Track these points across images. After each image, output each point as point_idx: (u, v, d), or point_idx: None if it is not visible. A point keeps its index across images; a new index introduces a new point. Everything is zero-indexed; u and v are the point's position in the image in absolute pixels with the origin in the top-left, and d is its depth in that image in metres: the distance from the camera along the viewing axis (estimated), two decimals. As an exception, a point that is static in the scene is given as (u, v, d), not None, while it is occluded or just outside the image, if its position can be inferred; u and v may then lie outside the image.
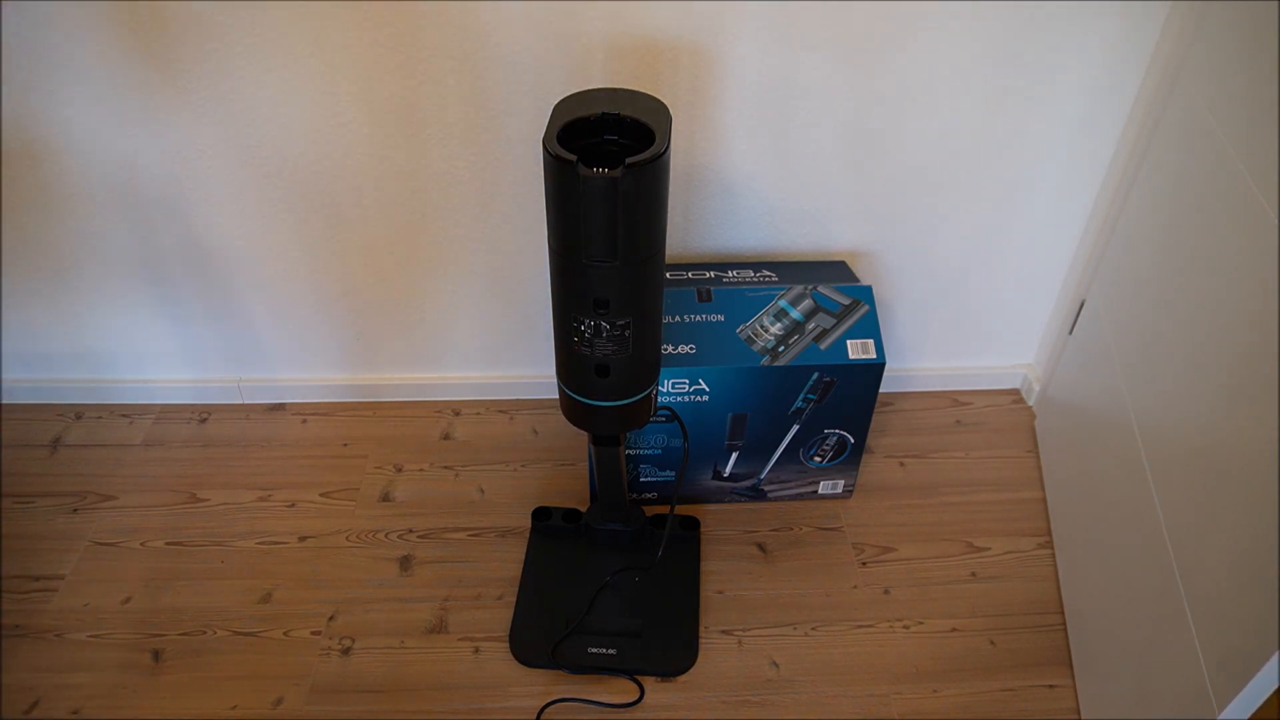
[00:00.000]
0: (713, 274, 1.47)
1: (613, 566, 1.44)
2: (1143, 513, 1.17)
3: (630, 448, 1.46)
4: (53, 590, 1.43)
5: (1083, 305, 1.52)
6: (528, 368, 1.72)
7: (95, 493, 1.58)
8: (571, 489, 1.60)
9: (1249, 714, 0.93)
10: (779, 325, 1.38)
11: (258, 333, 1.65)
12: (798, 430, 1.44)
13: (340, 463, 1.64)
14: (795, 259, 1.56)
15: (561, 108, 1.01)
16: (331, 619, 1.40)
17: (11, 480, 1.60)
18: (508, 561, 1.48)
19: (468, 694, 1.31)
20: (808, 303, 1.40)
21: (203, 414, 1.72)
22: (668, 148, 0.96)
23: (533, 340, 1.68)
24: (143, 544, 1.50)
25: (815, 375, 1.37)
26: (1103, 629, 1.26)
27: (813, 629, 1.39)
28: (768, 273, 1.47)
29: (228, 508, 1.56)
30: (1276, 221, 0.96)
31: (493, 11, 1.27)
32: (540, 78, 1.34)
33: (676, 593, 1.41)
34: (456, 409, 1.74)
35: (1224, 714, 0.94)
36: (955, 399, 1.77)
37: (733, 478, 1.52)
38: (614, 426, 1.18)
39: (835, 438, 1.47)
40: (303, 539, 1.51)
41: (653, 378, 1.16)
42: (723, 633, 1.38)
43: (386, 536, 1.52)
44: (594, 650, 1.34)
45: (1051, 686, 1.32)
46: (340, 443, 1.68)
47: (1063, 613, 1.41)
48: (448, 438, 1.69)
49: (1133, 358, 1.28)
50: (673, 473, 1.51)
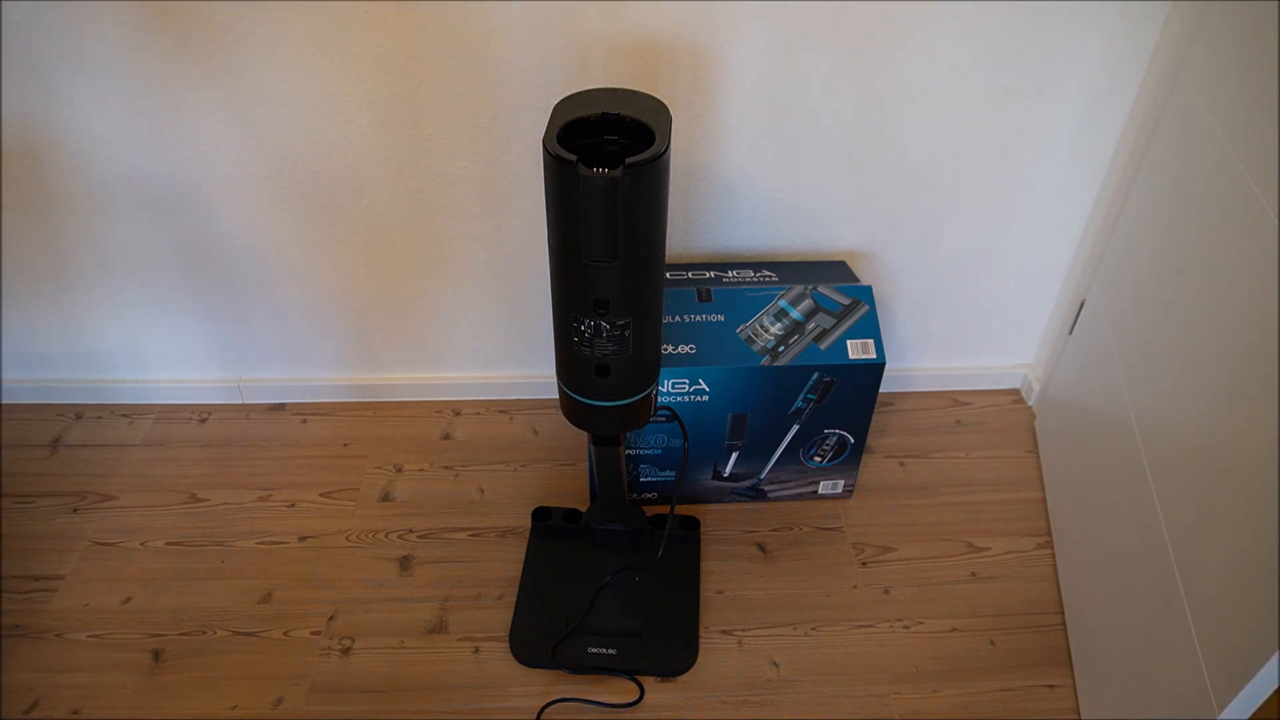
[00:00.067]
0: (713, 274, 1.47)
1: (613, 566, 1.44)
2: (1143, 513, 1.17)
3: (630, 448, 1.46)
4: (53, 590, 1.43)
5: (1083, 305, 1.52)
6: (528, 368, 1.72)
7: (95, 493, 1.58)
8: (571, 489, 1.60)
9: (1249, 714, 0.93)
10: (779, 325, 1.38)
11: (258, 333, 1.65)
12: (798, 430, 1.44)
13: (340, 463, 1.64)
14: (795, 259, 1.56)
15: (561, 108, 1.01)
16: (331, 619, 1.40)
17: (11, 480, 1.60)
18: (508, 561, 1.48)
19: (468, 694, 1.31)
20: (808, 303, 1.40)
21: (203, 414, 1.72)
22: (668, 148, 0.96)
23: (533, 340, 1.68)
24: (143, 544, 1.50)
25: (815, 375, 1.37)
26: (1103, 629, 1.26)
27: (813, 629, 1.39)
28: (768, 273, 1.47)
29: (228, 508, 1.56)
30: (1276, 221, 0.96)
31: (493, 11, 1.27)
32: (540, 78, 1.34)
33: (676, 593, 1.41)
34: (456, 409, 1.74)
35: (1224, 714, 0.94)
36: (955, 399, 1.77)
37: (733, 478, 1.52)
38: (614, 426, 1.18)
39: (835, 438, 1.47)
40: (303, 539, 1.51)
41: (653, 378, 1.16)
42: (723, 633, 1.38)
43: (386, 536, 1.52)
44: (594, 650, 1.34)
45: (1051, 686, 1.32)
46: (340, 443, 1.68)
47: (1063, 613, 1.41)
48: (448, 438, 1.69)
49: (1133, 358, 1.28)
50: (673, 473, 1.51)
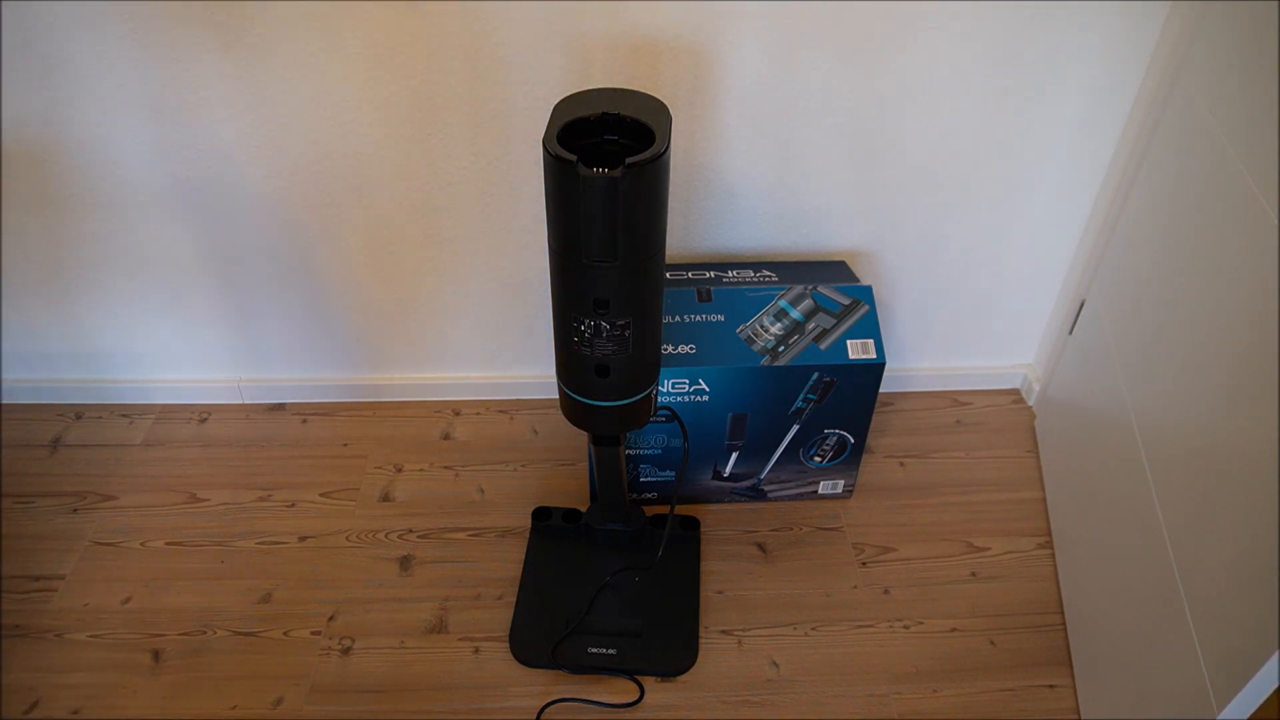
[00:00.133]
0: (713, 274, 1.47)
1: (613, 566, 1.44)
2: (1143, 513, 1.17)
3: (630, 448, 1.46)
4: (53, 590, 1.43)
5: (1083, 305, 1.52)
6: (528, 368, 1.72)
7: (95, 493, 1.58)
8: (571, 489, 1.60)
9: (1248, 714, 0.93)
10: (779, 325, 1.38)
11: (258, 333, 1.65)
12: (798, 430, 1.44)
13: (340, 463, 1.64)
14: (795, 259, 1.56)
15: (561, 108, 1.01)
16: (331, 619, 1.40)
17: (11, 480, 1.60)
18: (508, 561, 1.48)
19: (468, 694, 1.31)
20: (808, 303, 1.40)
21: (203, 414, 1.72)
22: (668, 148, 0.96)
23: (533, 340, 1.68)
24: (143, 544, 1.50)
25: (815, 375, 1.37)
26: (1103, 629, 1.26)
27: (813, 629, 1.39)
28: (768, 273, 1.47)
29: (228, 508, 1.56)
30: (1276, 221, 0.96)
31: (493, 11, 1.27)
32: (540, 78, 1.34)
33: (676, 593, 1.41)
34: (456, 409, 1.74)
35: (1223, 714, 0.94)
36: (955, 399, 1.77)
37: (733, 478, 1.52)
38: (614, 426, 1.18)
39: (835, 438, 1.47)
40: (303, 539, 1.51)
41: (653, 378, 1.16)
42: (723, 633, 1.38)
43: (386, 536, 1.52)
44: (594, 650, 1.34)
45: (1051, 686, 1.32)
46: (340, 443, 1.68)
47: (1063, 613, 1.41)
48: (448, 438, 1.69)
49: (1133, 358, 1.28)
50: (673, 473, 1.51)
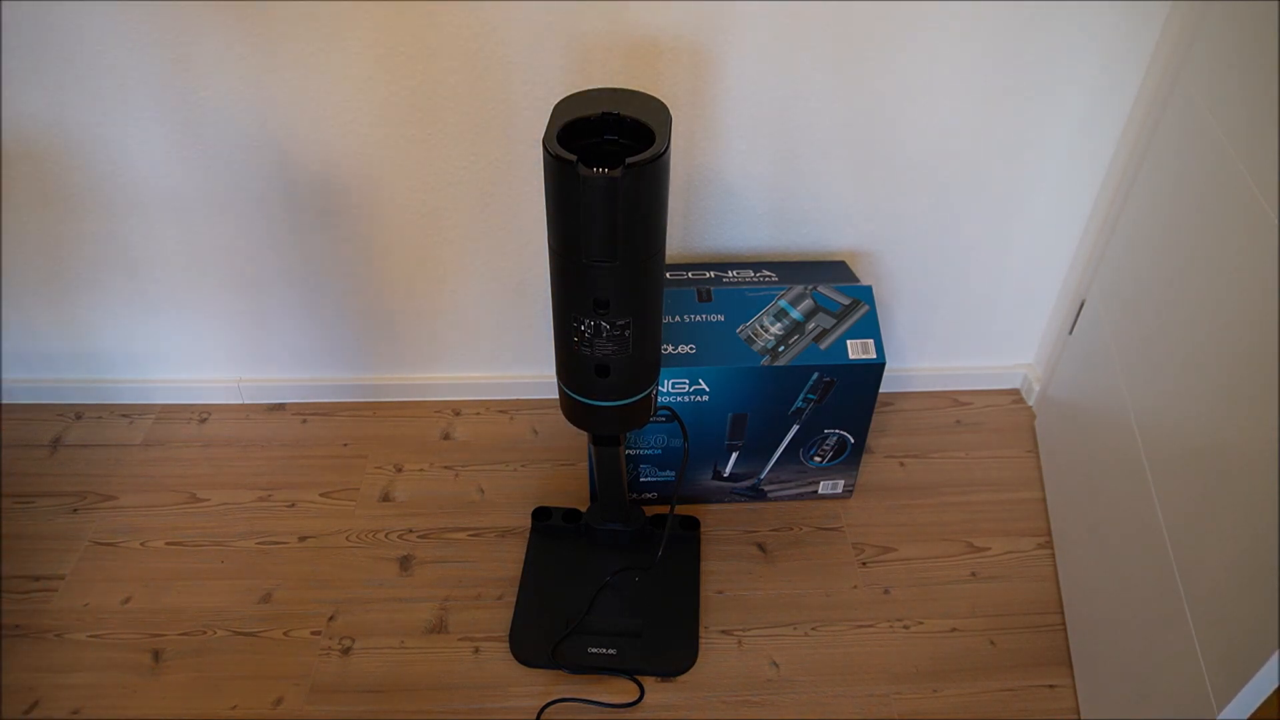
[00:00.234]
0: (713, 274, 1.47)
1: (613, 566, 1.44)
2: (1143, 513, 1.17)
3: (630, 448, 1.46)
4: (53, 590, 1.43)
5: (1083, 305, 1.52)
6: (528, 368, 1.72)
7: (95, 493, 1.58)
8: (571, 489, 1.60)
9: (1248, 714, 0.93)
10: (779, 325, 1.38)
11: (258, 333, 1.65)
12: (798, 430, 1.44)
13: (340, 463, 1.64)
14: (795, 259, 1.56)
15: (561, 108, 1.01)
16: (331, 619, 1.40)
17: (11, 480, 1.60)
18: (508, 561, 1.48)
19: (468, 694, 1.31)
20: (808, 303, 1.40)
21: (203, 414, 1.72)
22: (668, 148, 0.96)
23: (533, 340, 1.68)
24: (143, 544, 1.50)
25: (815, 375, 1.37)
26: (1103, 629, 1.26)
27: (813, 629, 1.39)
28: (768, 273, 1.47)
29: (228, 508, 1.56)
30: (1276, 221, 0.96)
31: (493, 11, 1.27)
32: (540, 78, 1.34)
33: (676, 593, 1.41)
34: (456, 409, 1.74)
35: (1223, 714, 0.94)
36: (955, 399, 1.77)
37: (733, 478, 1.52)
38: (614, 426, 1.18)
39: (835, 438, 1.47)
40: (303, 539, 1.51)
41: (653, 378, 1.16)
42: (723, 633, 1.38)
43: (386, 536, 1.52)
44: (594, 650, 1.34)
45: (1051, 686, 1.32)
46: (340, 443, 1.68)
47: (1063, 613, 1.41)
48: (448, 438, 1.69)
49: (1133, 358, 1.28)
50: (673, 473, 1.51)
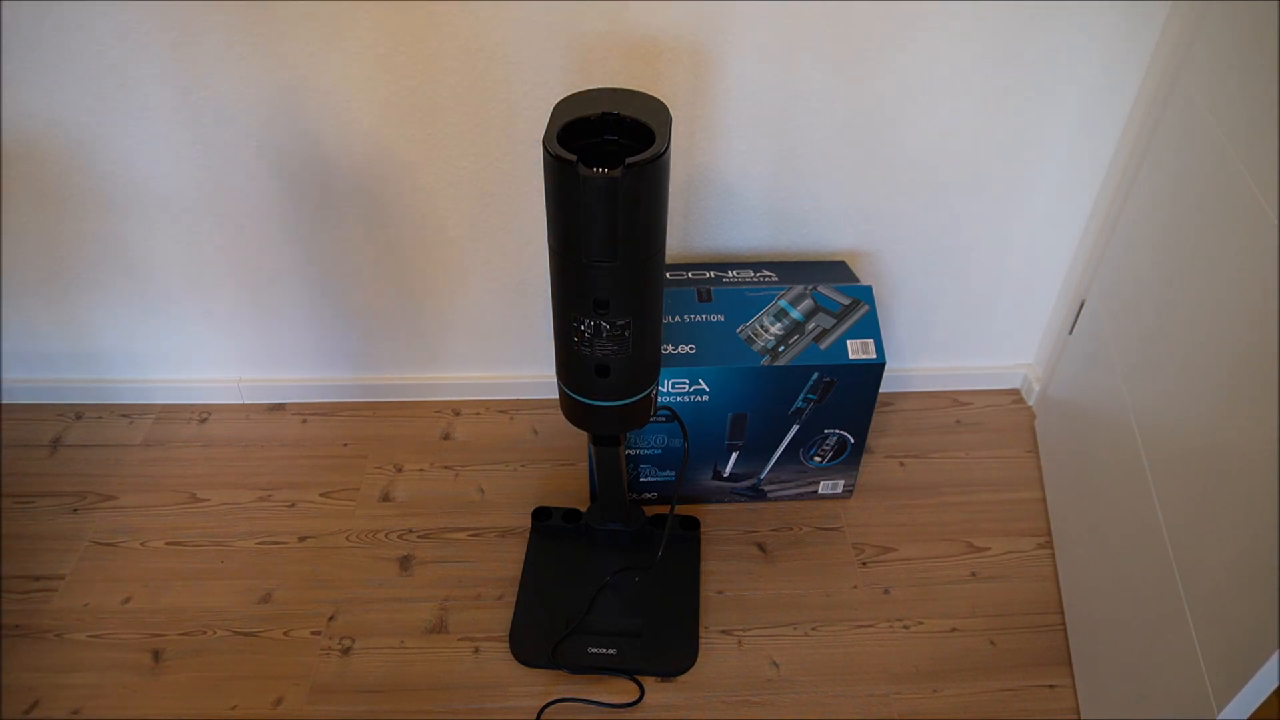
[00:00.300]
0: (713, 274, 1.47)
1: (613, 566, 1.44)
2: (1143, 513, 1.17)
3: (630, 448, 1.46)
4: (53, 590, 1.43)
5: (1083, 305, 1.52)
6: (528, 368, 1.72)
7: (95, 493, 1.58)
8: (571, 489, 1.60)
9: (1248, 714, 0.93)
10: (779, 325, 1.38)
11: (258, 333, 1.65)
12: (798, 430, 1.44)
13: (340, 463, 1.64)
14: (795, 259, 1.56)
15: (561, 108, 1.01)
16: (331, 619, 1.40)
17: (11, 480, 1.60)
18: (508, 561, 1.48)
19: (468, 694, 1.31)
20: (808, 303, 1.40)
21: (203, 414, 1.72)
22: (668, 148, 0.96)
23: (533, 340, 1.68)
24: (143, 544, 1.50)
25: (815, 375, 1.37)
26: (1103, 629, 1.26)
27: (813, 629, 1.39)
28: (768, 273, 1.47)
29: (228, 508, 1.56)
30: (1276, 221, 0.96)
31: (493, 11, 1.27)
32: (540, 78, 1.34)
33: (676, 593, 1.41)
34: (456, 409, 1.74)
35: (1223, 714, 0.94)
36: (955, 399, 1.77)
37: (733, 478, 1.52)
38: (614, 426, 1.18)
39: (835, 438, 1.47)
40: (303, 539, 1.51)
41: (653, 378, 1.16)
42: (723, 633, 1.38)
43: (386, 536, 1.52)
44: (594, 650, 1.34)
45: (1051, 686, 1.32)
46: (340, 443, 1.68)
47: (1063, 613, 1.41)
48: (448, 438, 1.69)
49: (1133, 358, 1.28)
50: (673, 473, 1.51)
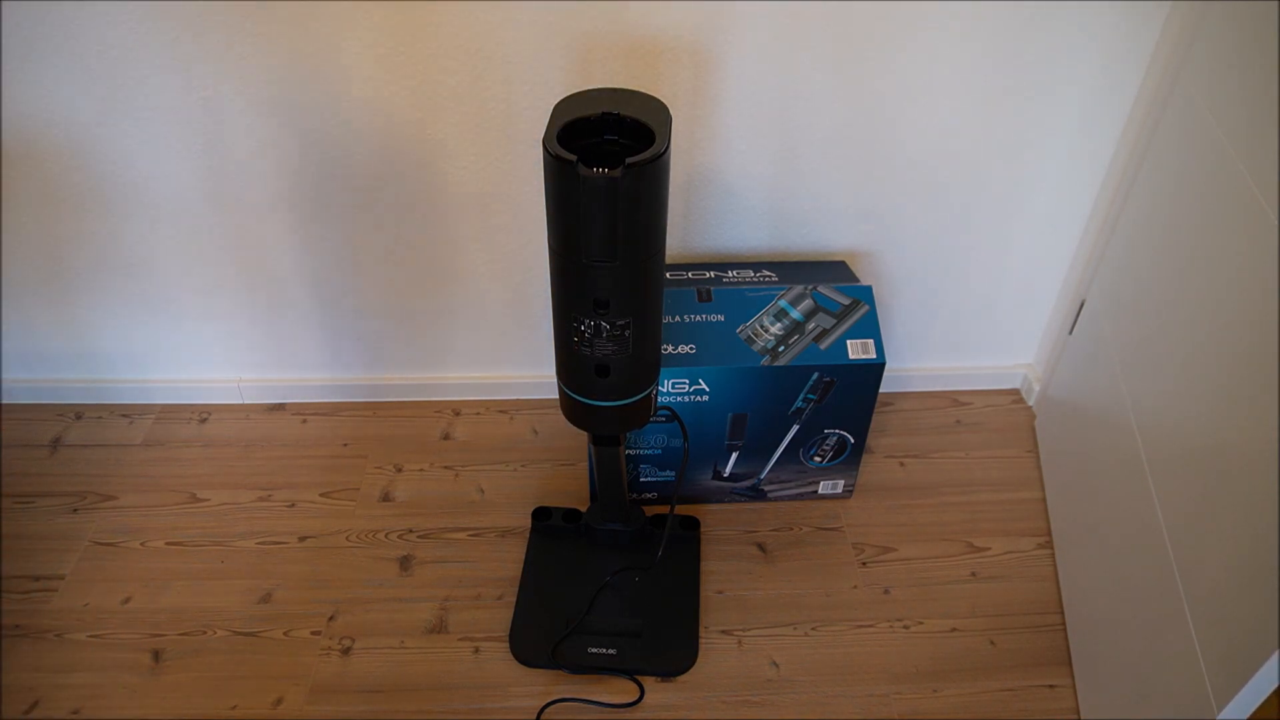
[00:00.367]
0: (713, 274, 1.47)
1: (613, 566, 1.44)
2: (1142, 513, 1.17)
3: (630, 448, 1.46)
4: (53, 590, 1.43)
5: (1083, 305, 1.52)
6: (528, 368, 1.72)
7: (95, 493, 1.58)
8: (571, 489, 1.60)
9: (1248, 714, 0.93)
10: (779, 325, 1.38)
11: (258, 333, 1.65)
12: (798, 430, 1.44)
13: (340, 463, 1.64)
14: (795, 259, 1.56)
15: (561, 108, 1.01)
16: (331, 619, 1.40)
17: (11, 480, 1.60)
18: (508, 561, 1.48)
19: (468, 694, 1.31)
20: (808, 303, 1.40)
21: (203, 414, 1.72)
22: (668, 148, 0.96)
23: (533, 340, 1.68)
24: (143, 544, 1.50)
25: (815, 375, 1.37)
26: (1103, 629, 1.26)
27: (813, 629, 1.39)
28: (768, 273, 1.47)
29: (228, 508, 1.56)
30: (1276, 221, 0.96)
31: (493, 11, 1.27)
32: (540, 78, 1.34)
33: (676, 593, 1.41)
34: (456, 409, 1.74)
35: (1223, 714, 0.94)
36: (955, 399, 1.77)
37: (733, 478, 1.52)
38: (614, 426, 1.18)
39: (835, 438, 1.47)
40: (303, 539, 1.51)
41: (653, 378, 1.16)
42: (723, 633, 1.38)
43: (386, 536, 1.52)
44: (594, 650, 1.34)
45: (1051, 686, 1.32)
46: (340, 443, 1.68)
47: (1063, 613, 1.41)
48: (448, 438, 1.69)
49: (1133, 358, 1.28)
50: (673, 473, 1.51)
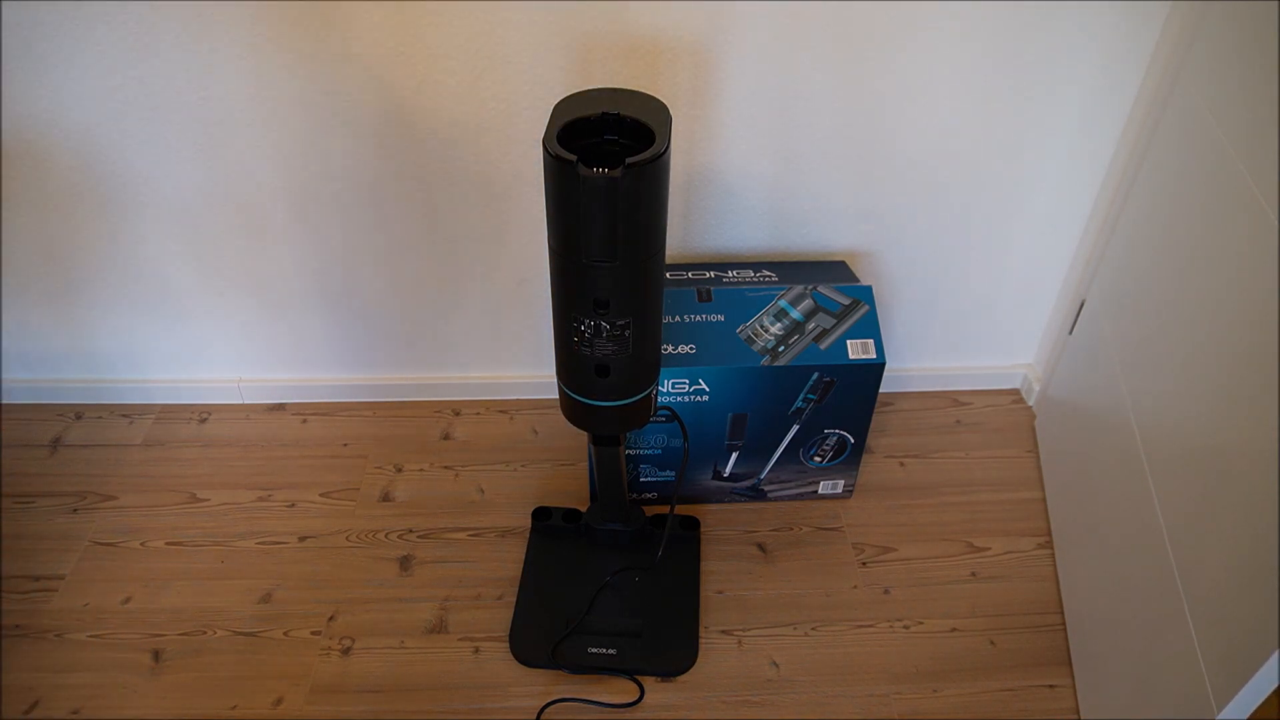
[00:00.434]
0: (713, 274, 1.47)
1: (613, 566, 1.44)
2: (1142, 513, 1.17)
3: (630, 448, 1.46)
4: (53, 590, 1.43)
5: (1083, 305, 1.52)
6: (528, 368, 1.72)
7: (95, 493, 1.58)
8: (571, 489, 1.60)
9: (1248, 714, 0.93)
10: (779, 325, 1.38)
11: (258, 333, 1.65)
12: (798, 430, 1.44)
13: (340, 463, 1.64)
14: (795, 259, 1.56)
15: (561, 108, 1.01)
16: (331, 619, 1.40)
17: (11, 480, 1.60)
18: (508, 561, 1.48)
19: (468, 694, 1.31)
20: (808, 303, 1.40)
21: (203, 414, 1.72)
22: (668, 148, 0.96)
23: (533, 340, 1.68)
24: (143, 544, 1.50)
25: (815, 375, 1.37)
26: (1103, 629, 1.26)
27: (813, 629, 1.39)
28: (768, 273, 1.47)
29: (228, 508, 1.56)
30: (1276, 221, 0.96)
31: (493, 11, 1.27)
32: (540, 78, 1.34)
33: (676, 593, 1.41)
34: (456, 409, 1.74)
35: (1223, 714, 0.94)
36: (955, 399, 1.77)
37: (733, 478, 1.52)
38: (614, 426, 1.18)
39: (835, 438, 1.47)
40: (303, 539, 1.51)
41: (653, 378, 1.16)
42: (723, 633, 1.38)
43: (386, 536, 1.52)
44: (594, 650, 1.34)
45: (1051, 686, 1.32)
46: (340, 443, 1.68)
47: (1063, 613, 1.41)
48: (448, 438, 1.69)
49: (1133, 358, 1.28)
50: (673, 473, 1.51)
